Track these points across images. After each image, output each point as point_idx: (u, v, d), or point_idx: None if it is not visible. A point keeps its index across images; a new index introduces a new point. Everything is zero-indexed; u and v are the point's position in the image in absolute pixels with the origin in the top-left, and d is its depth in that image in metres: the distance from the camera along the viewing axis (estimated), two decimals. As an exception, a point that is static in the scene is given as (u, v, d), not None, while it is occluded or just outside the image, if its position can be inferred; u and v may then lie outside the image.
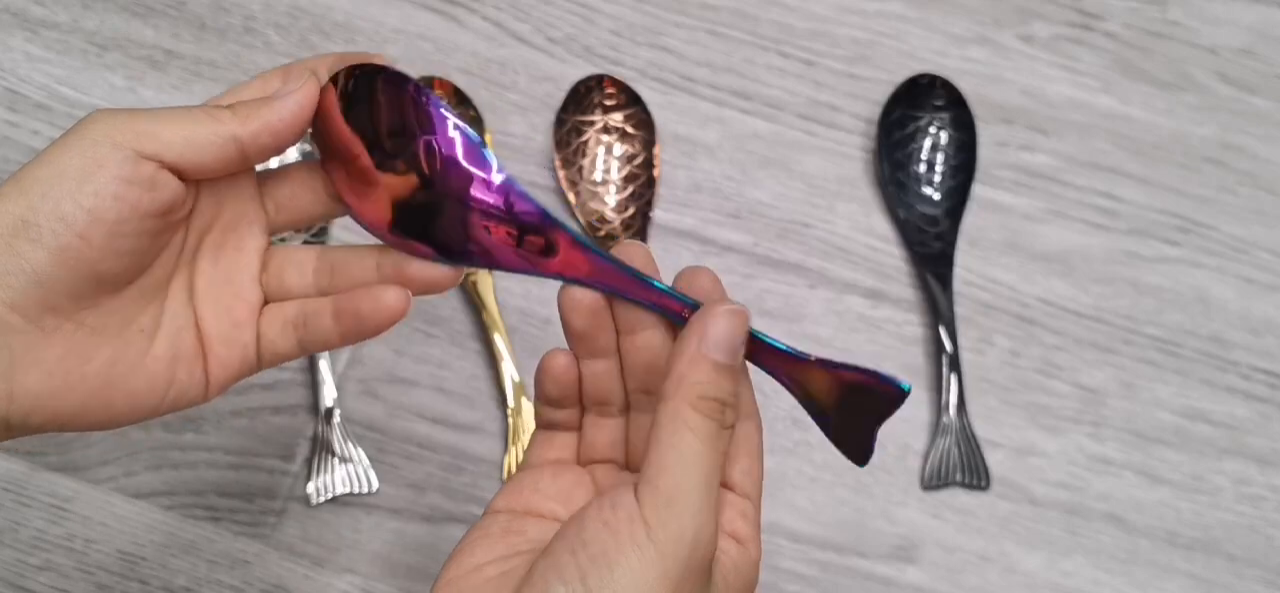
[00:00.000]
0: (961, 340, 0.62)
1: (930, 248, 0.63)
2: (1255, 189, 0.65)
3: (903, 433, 0.60)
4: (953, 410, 0.60)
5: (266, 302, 0.42)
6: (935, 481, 0.59)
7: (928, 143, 0.64)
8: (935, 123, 0.65)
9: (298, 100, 0.39)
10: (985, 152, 0.66)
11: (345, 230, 0.63)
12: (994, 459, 0.60)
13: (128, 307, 0.39)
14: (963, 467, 0.59)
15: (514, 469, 0.59)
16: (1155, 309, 0.63)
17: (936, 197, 0.64)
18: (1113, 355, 0.62)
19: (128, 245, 0.37)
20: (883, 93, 0.66)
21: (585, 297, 0.40)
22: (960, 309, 0.62)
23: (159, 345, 0.39)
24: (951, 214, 0.63)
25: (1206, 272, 0.64)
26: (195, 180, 0.39)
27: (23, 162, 0.64)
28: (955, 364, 0.60)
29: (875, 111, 0.66)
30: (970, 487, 0.59)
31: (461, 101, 0.65)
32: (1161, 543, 0.59)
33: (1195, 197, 0.65)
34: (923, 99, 0.65)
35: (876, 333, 0.62)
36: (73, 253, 0.36)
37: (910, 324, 0.62)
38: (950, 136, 0.65)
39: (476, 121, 0.65)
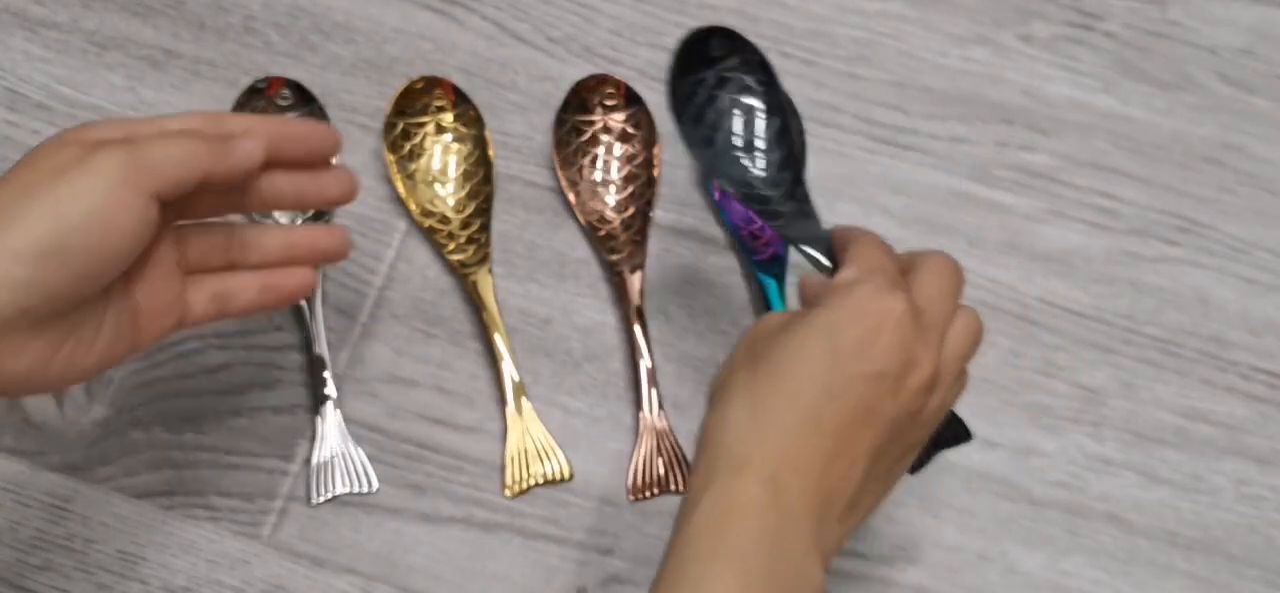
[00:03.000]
0: (961, 340, 0.62)
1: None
2: (1255, 189, 0.65)
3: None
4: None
5: (186, 274, 0.50)
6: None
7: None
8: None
9: (254, 147, 0.47)
10: (985, 151, 0.66)
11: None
12: (994, 459, 0.60)
13: (91, 305, 0.45)
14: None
15: (515, 470, 0.59)
16: (1155, 309, 0.63)
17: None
18: (1113, 355, 0.62)
19: (122, 269, 0.45)
20: (884, 93, 0.66)
21: None
22: (960, 309, 0.62)
23: (105, 330, 0.46)
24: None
25: (1206, 272, 0.64)
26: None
27: (23, 161, 0.64)
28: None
29: (875, 111, 0.66)
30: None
31: (461, 101, 0.65)
32: (1161, 543, 0.59)
33: (1195, 197, 0.65)
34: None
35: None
36: (88, 279, 0.44)
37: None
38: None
39: (477, 121, 0.65)
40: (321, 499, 0.58)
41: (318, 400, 0.60)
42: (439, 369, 0.61)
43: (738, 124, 0.52)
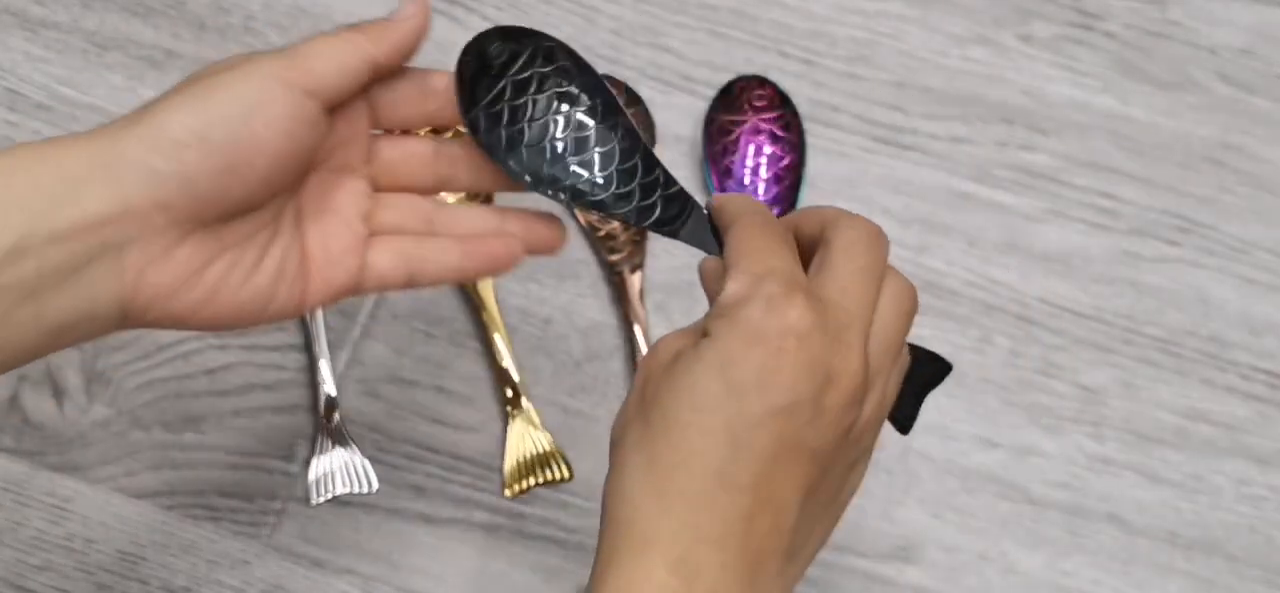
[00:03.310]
0: (961, 340, 0.62)
1: None
2: (1255, 189, 0.65)
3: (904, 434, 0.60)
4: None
5: (373, 234, 0.44)
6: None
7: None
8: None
9: (417, 17, 0.43)
10: (985, 151, 0.66)
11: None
12: (994, 459, 0.60)
13: (248, 225, 0.41)
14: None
15: (515, 470, 0.59)
16: (1155, 309, 0.63)
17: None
18: (1113, 355, 0.62)
19: (277, 174, 0.40)
20: (884, 93, 0.65)
21: None
22: (960, 309, 0.62)
23: (268, 263, 0.42)
24: None
25: (1206, 272, 0.64)
26: (331, 110, 0.42)
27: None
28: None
29: (875, 111, 0.66)
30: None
31: (461, 101, 0.65)
32: (1161, 543, 0.59)
33: (1195, 197, 0.65)
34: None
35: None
36: (233, 175, 0.39)
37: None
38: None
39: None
40: (321, 500, 0.58)
41: (318, 401, 0.60)
42: (439, 369, 0.61)
43: (556, 128, 0.44)
